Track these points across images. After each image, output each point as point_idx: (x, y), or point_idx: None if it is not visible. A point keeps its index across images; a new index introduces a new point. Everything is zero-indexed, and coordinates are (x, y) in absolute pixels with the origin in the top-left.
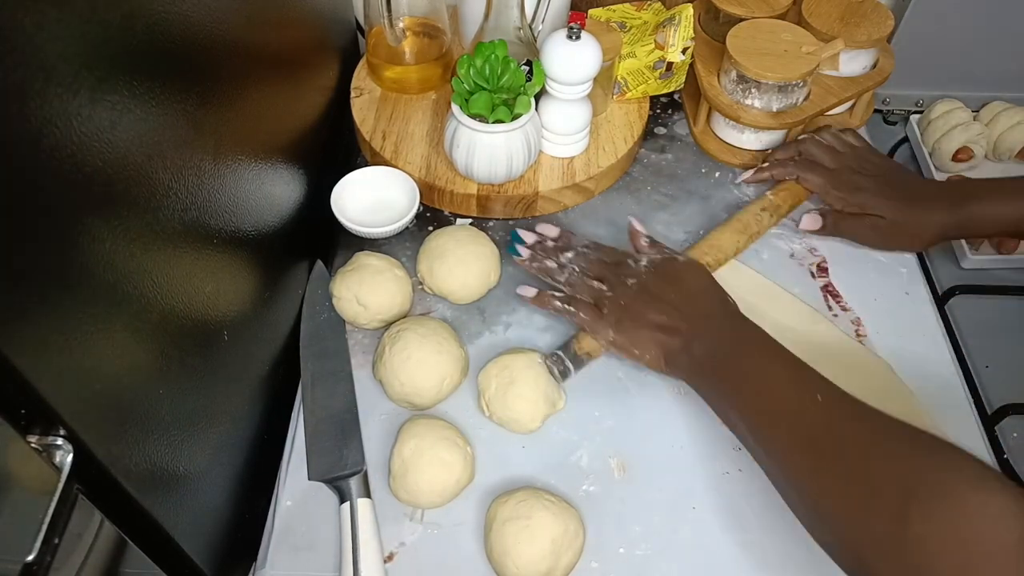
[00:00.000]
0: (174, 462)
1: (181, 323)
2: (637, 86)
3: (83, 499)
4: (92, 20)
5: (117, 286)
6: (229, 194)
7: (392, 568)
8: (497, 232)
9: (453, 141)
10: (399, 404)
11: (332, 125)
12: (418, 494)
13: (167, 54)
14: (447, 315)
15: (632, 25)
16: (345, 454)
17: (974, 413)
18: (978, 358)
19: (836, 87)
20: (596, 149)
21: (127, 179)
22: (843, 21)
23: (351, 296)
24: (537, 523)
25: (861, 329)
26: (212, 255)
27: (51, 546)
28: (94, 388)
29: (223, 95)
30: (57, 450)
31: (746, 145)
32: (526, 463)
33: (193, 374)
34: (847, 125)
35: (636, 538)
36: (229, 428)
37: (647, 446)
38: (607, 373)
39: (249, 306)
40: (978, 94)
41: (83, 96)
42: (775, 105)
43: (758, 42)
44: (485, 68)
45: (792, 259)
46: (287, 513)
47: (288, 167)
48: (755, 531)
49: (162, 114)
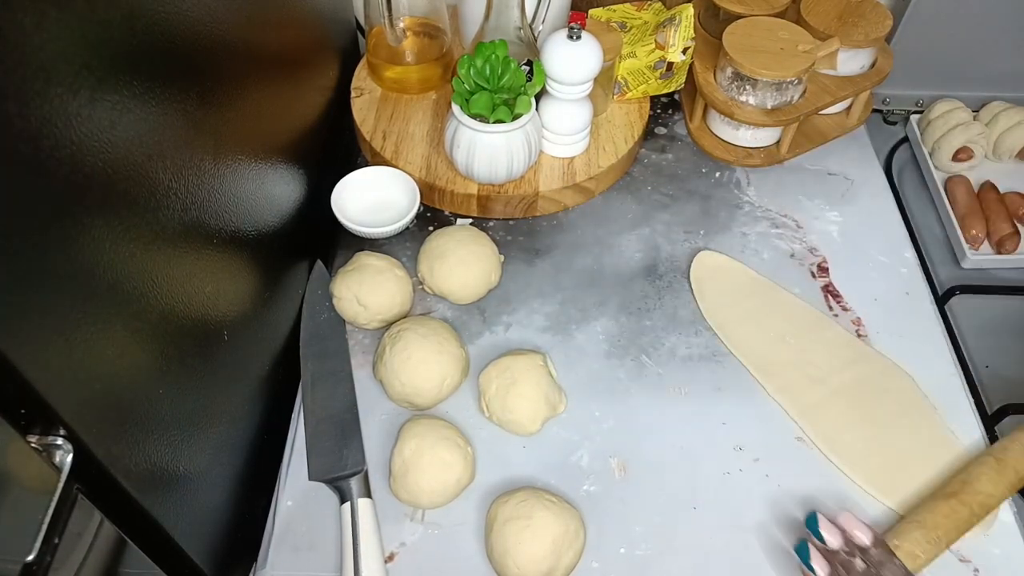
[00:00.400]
0: (174, 462)
1: (181, 323)
2: (637, 86)
3: (83, 499)
4: (92, 20)
5: (117, 286)
6: (229, 194)
7: (393, 568)
8: (497, 232)
9: (453, 141)
10: (399, 404)
11: (332, 125)
12: (419, 494)
13: (167, 54)
14: (447, 315)
15: (632, 25)
16: (345, 454)
17: (974, 413)
18: (978, 358)
19: (832, 86)
20: (596, 149)
21: (127, 179)
22: (841, 20)
23: (351, 296)
24: (538, 523)
25: (861, 329)
26: (212, 255)
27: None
28: (94, 388)
29: (223, 95)
30: (57, 450)
31: (741, 142)
32: (527, 463)
33: (193, 374)
34: (845, 124)
35: (637, 538)
36: (229, 428)
37: (647, 446)
38: (608, 373)
39: (249, 306)
40: (978, 94)
41: (83, 96)
42: (770, 102)
43: (754, 39)
44: (486, 68)
45: (792, 259)
46: (288, 513)
47: (288, 167)
48: (755, 531)
49: (162, 114)
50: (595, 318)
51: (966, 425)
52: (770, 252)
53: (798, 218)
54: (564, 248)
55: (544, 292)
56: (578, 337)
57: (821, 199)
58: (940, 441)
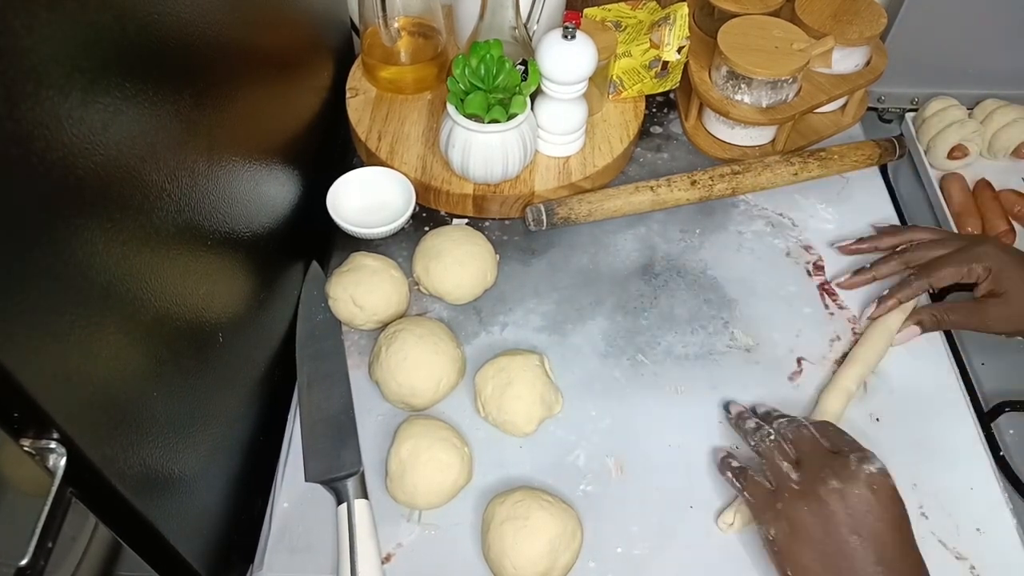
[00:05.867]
0: (169, 465)
1: (176, 325)
2: (633, 85)
3: (77, 502)
4: (83, 21)
5: (110, 288)
6: (223, 195)
7: (390, 569)
8: (493, 232)
9: (449, 141)
10: (396, 405)
11: (327, 126)
12: (415, 495)
13: (159, 55)
14: (444, 315)
15: (627, 24)
16: (342, 455)
17: (970, 410)
18: (974, 355)
19: (827, 84)
20: (592, 149)
21: (120, 181)
22: (836, 18)
23: (347, 297)
24: (535, 523)
25: (857, 328)
26: (207, 257)
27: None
28: (87, 391)
29: (217, 96)
30: (50, 453)
31: (736, 141)
32: (523, 463)
33: (188, 376)
34: (840, 123)
35: (634, 538)
36: (225, 430)
37: (644, 445)
38: (604, 373)
39: (244, 308)
40: (973, 92)
41: (74, 98)
42: (764, 101)
43: (749, 38)
44: (480, 68)
45: (788, 257)
46: (284, 515)
47: (283, 168)
48: (753, 530)
49: (155, 116)
50: (591, 318)
51: (962, 422)
52: (766, 251)
53: (794, 216)
54: (560, 248)
55: (540, 292)
56: (574, 337)
57: (816, 197)
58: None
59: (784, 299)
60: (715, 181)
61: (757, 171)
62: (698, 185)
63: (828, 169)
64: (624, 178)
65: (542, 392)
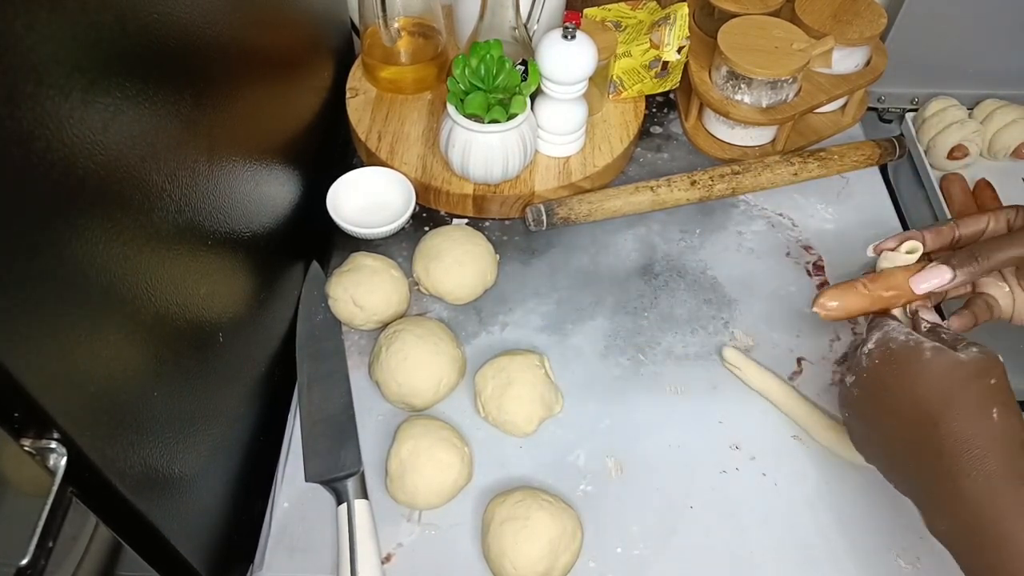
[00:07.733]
0: (169, 464)
1: (176, 325)
2: (633, 85)
3: (77, 502)
4: (83, 22)
5: (111, 288)
6: (224, 195)
7: (390, 569)
8: (493, 232)
9: (449, 141)
10: (396, 405)
11: (327, 126)
12: (415, 495)
13: (160, 55)
14: (444, 316)
15: (627, 24)
16: (342, 455)
17: None
18: None
19: (827, 84)
20: (592, 149)
21: (120, 181)
22: (836, 18)
23: (347, 297)
24: (535, 523)
25: (857, 327)
26: (207, 257)
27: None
28: (88, 391)
29: (217, 96)
30: (51, 453)
31: (736, 141)
32: (523, 463)
33: (188, 376)
34: (840, 123)
35: (634, 538)
36: (225, 430)
37: (644, 446)
38: (604, 373)
39: (244, 308)
40: (973, 92)
41: (75, 98)
42: (765, 101)
43: (749, 38)
44: (480, 68)
45: (788, 257)
46: (284, 515)
47: (283, 168)
48: (752, 530)
49: (155, 116)
50: (591, 318)
51: None
52: (766, 251)
53: (794, 216)
54: (560, 248)
55: (540, 292)
56: (574, 337)
57: (816, 197)
58: None
59: (784, 299)
60: (715, 181)
61: (757, 171)
62: (698, 185)
63: (828, 169)
64: (624, 178)
65: (542, 392)
